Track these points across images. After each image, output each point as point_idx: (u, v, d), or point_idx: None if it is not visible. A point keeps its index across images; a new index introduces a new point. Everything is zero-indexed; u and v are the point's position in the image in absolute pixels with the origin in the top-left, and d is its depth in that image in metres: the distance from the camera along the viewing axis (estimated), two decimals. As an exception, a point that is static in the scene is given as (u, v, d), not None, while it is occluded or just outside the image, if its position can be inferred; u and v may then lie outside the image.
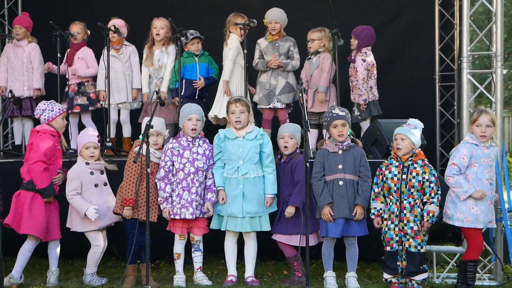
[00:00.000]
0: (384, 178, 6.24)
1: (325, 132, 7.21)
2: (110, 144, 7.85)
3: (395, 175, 6.19)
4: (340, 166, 6.37)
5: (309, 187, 6.18)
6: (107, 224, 6.64)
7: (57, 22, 8.06)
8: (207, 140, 6.69)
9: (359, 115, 7.73)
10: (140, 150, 6.11)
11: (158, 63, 8.06)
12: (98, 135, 6.77)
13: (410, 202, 6.15)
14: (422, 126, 6.36)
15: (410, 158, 6.20)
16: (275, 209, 6.57)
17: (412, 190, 6.14)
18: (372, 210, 6.29)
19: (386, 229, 6.22)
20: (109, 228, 6.74)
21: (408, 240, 6.15)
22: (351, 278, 6.42)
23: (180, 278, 6.54)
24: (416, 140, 6.24)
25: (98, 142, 6.70)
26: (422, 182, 6.14)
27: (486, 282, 6.69)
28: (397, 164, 6.23)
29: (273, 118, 7.88)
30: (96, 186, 6.60)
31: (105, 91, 7.97)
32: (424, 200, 6.15)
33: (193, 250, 6.60)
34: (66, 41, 8.01)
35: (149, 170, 6.16)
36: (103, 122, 7.90)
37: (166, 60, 8.04)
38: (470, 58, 6.91)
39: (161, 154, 6.54)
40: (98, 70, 8.11)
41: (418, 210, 6.14)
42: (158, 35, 8.03)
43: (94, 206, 6.47)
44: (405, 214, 6.15)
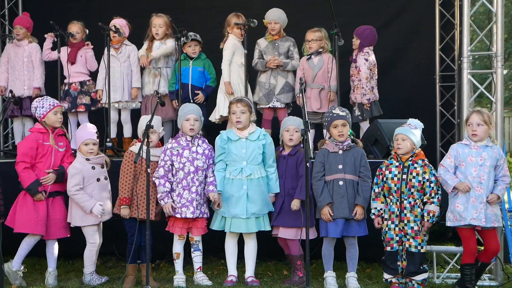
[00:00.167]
0: (384, 178, 6.24)
1: (325, 132, 7.23)
2: (110, 144, 7.85)
3: (395, 175, 6.19)
4: (340, 166, 6.37)
5: (309, 187, 6.17)
6: (107, 218, 6.64)
7: (57, 22, 8.07)
8: (206, 140, 6.69)
9: (360, 115, 7.72)
10: (140, 150, 6.12)
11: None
12: (96, 131, 6.78)
13: (410, 202, 6.15)
14: (422, 126, 6.36)
15: (410, 158, 6.20)
16: (272, 209, 6.55)
17: (412, 190, 6.14)
18: (372, 210, 6.29)
19: (387, 229, 6.22)
20: (109, 228, 6.75)
21: (408, 240, 6.15)
22: (351, 278, 6.42)
23: (180, 278, 6.54)
24: (416, 140, 6.24)
25: (97, 139, 6.72)
26: (422, 182, 6.14)
27: (487, 282, 6.68)
28: (397, 164, 6.23)
29: (273, 118, 7.88)
30: (98, 180, 6.62)
31: (102, 91, 7.99)
32: (424, 200, 6.16)
33: (192, 250, 6.60)
34: (65, 41, 8.02)
35: (149, 170, 6.17)
36: (104, 122, 7.90)
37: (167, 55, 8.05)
38: (471, 58, 6.92)
39: (156, 151, 6.51)
40: (99, 69, 8.13)
41: (418, 210, 6.14)
42: (157, 34, 8.03)
43: (100, 203, 6.51)
44: (405, 214, 6.15)
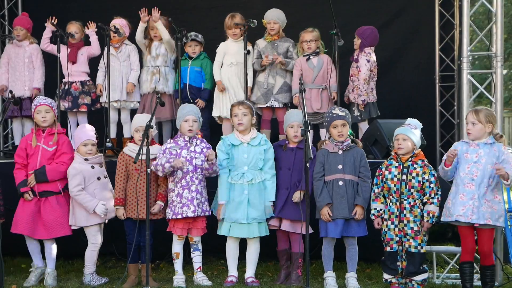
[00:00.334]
0: (384, 179, 6.24)
1: (323, 132, 7.24)
2: (110, 144, 7.85)
3: (395, 176, 6.19)
4: (340, 166, 6.37)
5: (309, 187, 6.18)
6: (111, 216, 6.65)
7: (57, 22, 8.07)
8: (205, 140, 6.70)
9: (359, 115, 7.72)
10: (140, 151, 6.11)
11: (155, 51, 8.04)
12: (95, 132, 6.78)
13: (410, 203, 6.15)
14: (421, 126, 6.36)
15: (410, 159, 6.20)
16: (272, 215, 6.54)
17: (412, 190, 6.13)
18: (372, 211, 6.29)
19: (386, 229, 6.21)
20: (109, 228, 6.75)
21: (408, 240, 6.15)
22: (351, 278, 6.41)
23: (179, 278, 6.54)
24: (417, 140, 6.24)
25: (96, 139, 6.72)
26: (422, 183, 6.13)
27: (486, 283, 6.69)
28: (397, 164, 6.23)
29: (272, 119, 7.89)
30: (98, 179, 6.63)
31: (102, 85, 8.04)
32: (424, 200, 6.15)
33: (192, 250, 6.60)
34: (65, 40, 8.01)
35: (149, 170, 6.16)
36: (103, 122, 7.90)
37: (164, 49, 8.05)
38: (470, 58, 6.91)
39: (152, 149, 6.47)
40: (99, 67, 8.14)
41: (418, 210, 6.14)
42: (156, 37, 8.03)
43: (102, 202, 6.53)
44: (405, 215, 6.14)
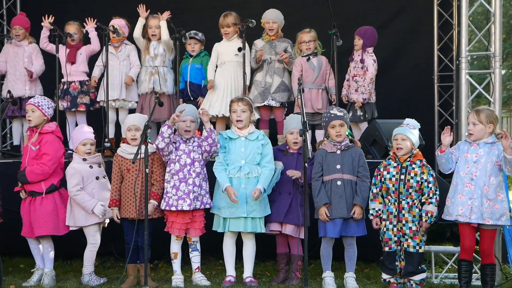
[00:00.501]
0: (382, 179, 6.24)
1: (319, 133, 7.26)
2: (108, 144, 7.85)
3: (393, 176, 6.19)
4: (338, 166, 6.37)
5: (307, 188, 6.18)
6: (110, 216, 6.64)
7: (55, 22, 8.07)
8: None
9: (362, 115, 7.74)
10: (138, 150, 6.12)
11: (154, 51, 8.04)
12: (93, 132, 6.79)
13: (408, 203, 6.15)
14: (419, 126, 6.36)
15: (408, 159, 6.20)
16: (269, 213, 6.52)
17: (410, 190, 6.14)
18: (370, 211, 6.29)
19: (385, 229, 6.21)
20: (107, 228, 6.74)
21: (406, 240, 6.15)
22: (350, 278, 6.41)
23: (178, 278, 6.54)
24: (415, 140, 6.25)
25: (94, 139, 6.73)
26: (420, 183, 6.14)
27: (484, 282, 6.69)
28: (395, 164, 6.23)
29: (270, 119, 7.92)
30: (97, 178, 6.63)
31: (97, 78, 8.05)
32: (422, 200, 6.16)
33: (190, 250, 6.59)
34: (63, 41, 8.01)
35: (147, 170, 6.16)
36: (102, 122, 7.90)
37: (162, 50, 8.05)
38: (469, 59, 6.92)
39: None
40: (96, 64, 8.14)
41: (417, 210, 6.14)
42: (154, 36, 8.03)
43: (101, 203, 6.53)
44: (403, 215, 6.15)
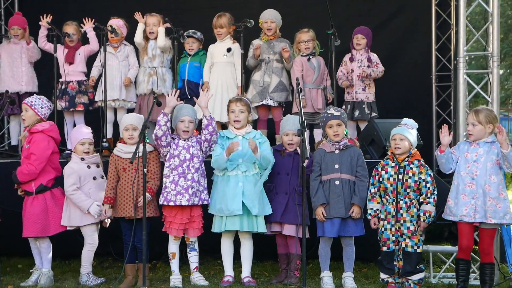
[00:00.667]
0: (380, 179, 6.24)
1: (317, 133, 7.26)
2: (106, 144, 7.84)
3: (391, 176, 6.19)
4: (336, 166, 6.37)
5: (305, 188, 6.19)
6: (103, 218, 6.62)
7: (54, 22, 8.06)
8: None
9: (369, 113, 7.81)
10: (137, 150, 6.11)
11: (152, 52, 8.03)
12: (91, 131, 6.79)
13: (406, 202, 6.15)
14: (417, 126, 6.37)
15: (406, 159, 6.20)
16: (270, 212, 6.52)
17: (408, 190, 6.14)
18: (368, 211, 6.28)
19: (383, 229, 6.21)
20: (105, 228, 6.74)
21: (404, 240, 6.15)
22: (348, 278, 6.42)
23: (176, 278, 6.54)
24: (413, 140, 6.25)
25: (93, 139, 6.73)
26: (418, 182, 6.14)
27: (482, 282, 6.69)
28: (393, 164, 6.23)
29: (268, 119, 7.92)
30: (94, 179, 6.62)
31: (95, 77, 8.04)
32: (420, 200, 6.16)
33: (188, 250, 6.59)
34: (61, 41, 8.00)
35: (145, 170, 6.16)
36: (100, 122, 7.89)
37: (160, 50, 8.02)
38: (467, 58, 6.93)
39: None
40: (94, 64, 8.13)
41: (415, 210, 6.14)
42: (152, 34, 8.02)
43: (97, 203, 6.51)
44: (401, 214, 6.15)
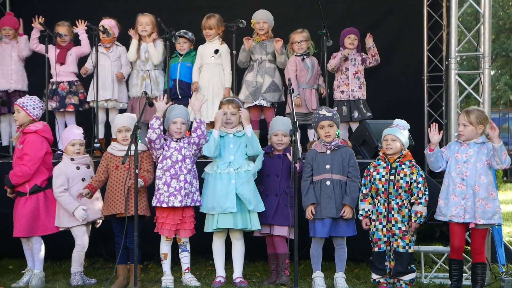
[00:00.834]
0: (372, 179, 6.24)
1: (311, 132, 7.26)
2: (98, 145, 7.83)
3: (383, 176, 6.19)
4: (327, 166, 6.37)
5: (297, 188, 6.18)
6: (94, 219, 6.61)
7: (45, 21, 8.03)
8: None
9: (368, 112, 7.87)
10: (128, 151, 6.10)
11: (144, 55, 8.02)
12: (83, 132, 6.77)
13: (398, 203, 6.16)
14: (409, 127, 6.38)
15: (398, 159, 6.21)
16: (263, 209, 6.52)
17: (399, 191, 6.15)
18: (360, 211, 6.29)
19: (374, 229, 6.22)
20: (97, 228, 6.73)
21: (396, 240, 6.16)
22: (340, 278, 6.42)
23: (168, 279, 6.52)
24: (405, 140, 6.26)
25: (84, 139, 6.71)
26: (409, 183, 6.15)
27: (473, 282, 6.71)
28: (384, 165, 6.24)
29: (260, 119, 7.90)
30: (83, 180, 6.59)
31: (87, 69, 8.00)
32: (411, 200, 6.17)
33: (180, 251, 6.58)
34: (53, 41, 7.97)
35: (137, 171, 6.15)
36: (91, 123, 7.87)
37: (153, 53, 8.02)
38: (458, 59, 6.93)
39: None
40: (86, 64, 8.11)
41: (406, 210, 6.15)
42: (144, 31, 7.99)
43: (83, 206, 6.47)
44: (393, 215, 6.16)
